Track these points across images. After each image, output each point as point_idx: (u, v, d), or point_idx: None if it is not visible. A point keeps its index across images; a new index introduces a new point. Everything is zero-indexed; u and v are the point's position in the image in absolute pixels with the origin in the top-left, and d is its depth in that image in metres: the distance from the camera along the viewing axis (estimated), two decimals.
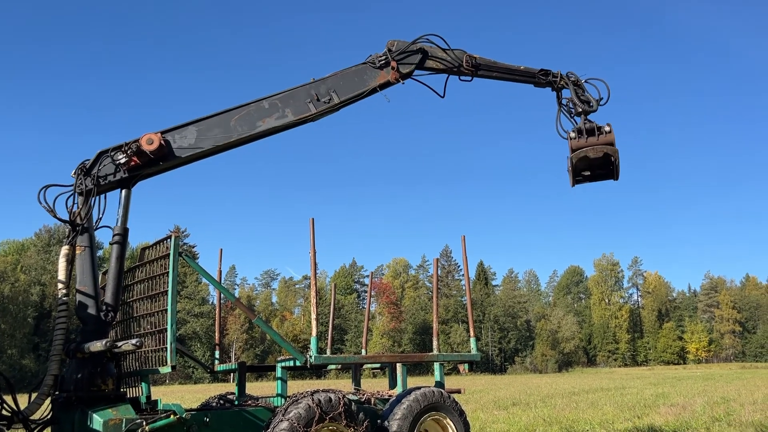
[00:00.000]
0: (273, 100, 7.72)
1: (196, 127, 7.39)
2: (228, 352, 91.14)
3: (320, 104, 7.78)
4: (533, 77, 8.66)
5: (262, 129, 7.56)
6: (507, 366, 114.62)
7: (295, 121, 7.71)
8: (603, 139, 8.26)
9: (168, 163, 7.23)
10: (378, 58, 8.12)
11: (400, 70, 8.11)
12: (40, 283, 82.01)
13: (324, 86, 7.88)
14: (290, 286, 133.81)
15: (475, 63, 8.41)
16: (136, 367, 7.47)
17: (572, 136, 8.41)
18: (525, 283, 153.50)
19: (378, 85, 8.05)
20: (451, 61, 8.34)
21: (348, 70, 8.02)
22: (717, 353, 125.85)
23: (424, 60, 8.30)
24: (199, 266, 7.56)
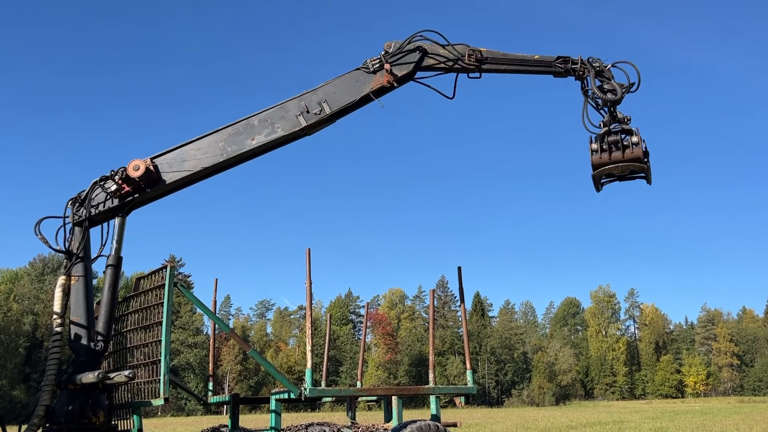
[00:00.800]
0: (262, 115, 7.39)
1: (184, 150, 7.23)
2: (221, 383, 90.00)
3: (311, 116, 7.34)
4: (550, 66, 7.80)
5: (252, 147, 7.26)
6: (504, 399, 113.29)
7: (286, 136, 7.35)
8: (629, 155, 7.42)
9: (158, 189, 7.14)
10: (372, 62, 7.56)
11: (395, 73, 7.51)
12: (33, 312, 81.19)
13: (315, 97, 7.43)
14: (285, 317, 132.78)
15: (480, 57, 7.67)
16: (128, 398, 7.38)
17: (593, 148, 7.59)
18: (521, 314, 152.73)
19: (371, 92, 7.48)
20: (453, 58, 7.66)
21: (341, 77, 7.56)
22: (715, 387, 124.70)
23: (423, 59, 7.67)
24: (194, 297, 7.52)
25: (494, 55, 7.72)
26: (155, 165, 7.11)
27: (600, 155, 7.52)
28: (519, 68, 7.80)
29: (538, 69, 7.80)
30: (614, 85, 7.52)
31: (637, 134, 7.43)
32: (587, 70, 7.65)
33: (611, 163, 7.47)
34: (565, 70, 7.75)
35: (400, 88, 7.71)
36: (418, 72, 7.75)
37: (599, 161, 7.54)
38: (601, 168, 7.57)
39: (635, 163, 7.41)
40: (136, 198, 7.06)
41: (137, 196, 7.05)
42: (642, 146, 7.40)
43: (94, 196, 6.99)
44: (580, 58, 7.68)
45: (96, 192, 7.01)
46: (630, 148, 7.44)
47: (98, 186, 7.02)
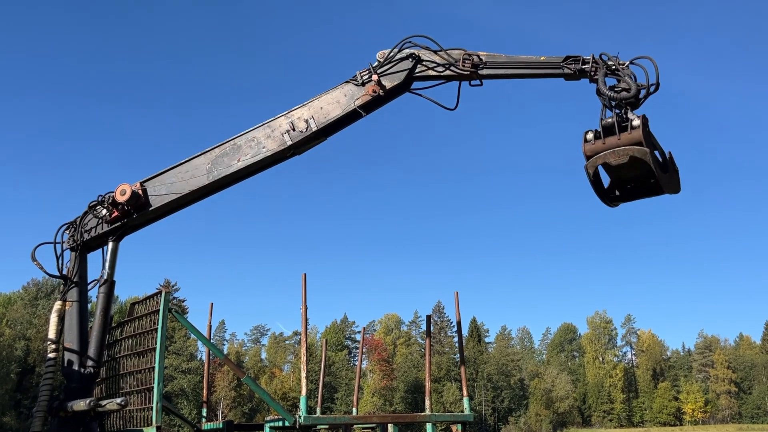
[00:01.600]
0: (249, 135, 7.16)
1: (172, 173, 7.15)
2: (215, 410, 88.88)
3: (297, 135, 7.02)
4: (558, 68, 6.87)
5: (238, 168, 7.05)
6: (500, 426, 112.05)
7: (272, 156, 7.06)
8: (626, 138, 6.24)
9: (147, 214, 7.07)
10: (362, 74, 7.08)
11: (384, 84, 7.00)
12: (25, 337, 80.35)
13: (302, 113, 7.11)
14: (280, 342, 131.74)
15: (477, 61, 6.97)
16: (120, 426, 7.27)
17: (587, 138, 6.50)
18: (518, 340, 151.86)
19: (359, 106, 7.02)
20: (447, 63, 7.02)
21: (329, 91, 7.18)
22: (713, 414, 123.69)
23: (416, 67, 7.11)
24: (189, 323, 7.48)
25: (494, 59, 7.00)
26: (144, 189, 7.06)
27: (593, 142, 6.43)
28: (523, 72, 6.99)
29: (545, 72, 6.94)
30: (629, 83, 6.44)
31: (641, 118, 6.27)
32: (599, 69, 6.68)
33: (605, 148, 6.30)
34: (576, 72, 6.79)
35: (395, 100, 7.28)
36: (413, 82, 7.24)
37: (592, 149, 6.42)
38: (595, 157, 6.40)
39: (634, 146, 6.16)
40: (126, 222, 7.01)
41: (127, 220, 7.00)
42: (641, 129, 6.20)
43: (87, 221, 6.98)
44: (592, 57, 6.75)
45: (88, 217, 7.00)
46: (627, 131, 6.27)
47: (91, 211, 7.02)
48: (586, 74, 6.78)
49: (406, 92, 7.29)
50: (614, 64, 6.67)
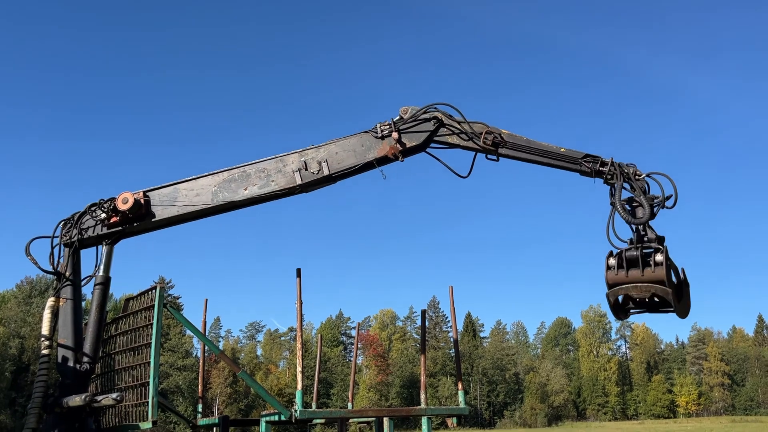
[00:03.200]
0: (260, 165, 7.12)
1: (178, 188, 7.14)
2: (211, 406, 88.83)
3: (308, 175, 7.01)
4: (576, 163, 6.96)
5: (243, 197, 7.04)
6: (496, 420, 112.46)
7: (279, 191, 7.04)
8: (650, 275, 6.30)
9: (146, 224, 7.07)
10: (382, 127, 7.08)
11: (404, 142, 7.01)
12: (20, 335, 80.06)
13: (317, 154, 7.08)
14: (275, 339, 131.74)
15: (498, 140, 7.03)
16: (115, 422, 7.27)
17: (610, 264, 6.52)
18: (513, 334, 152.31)
19: (375, 160, 7.02)
20: (469, 135, 7.07)
21: (347, 138, 7.18)
22: (707, 406, 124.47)
23: (438, 130, 7.12)
24: (184, 318, 7.47)
25: (515, 140, 7.07)
26: (147, 199, 7.04)
27: (616, 272, 6.47)
28: (541, 160, 7.06)
29: (562, 164, 7.03)
30: (643, 202, 6.54)
31: (664, 253, 6.34)
32: (617, 176, 6.73)
33: (628, 282, 6.38)
34: (593, 171, 6.88)
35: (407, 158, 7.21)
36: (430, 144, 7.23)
37: (614, 279, 6.48)
38: (617, 287, 6.47)
39: (656, 285, 6.26)
40: (124, 229, 7.01)
41: (125, 228, 7.01)
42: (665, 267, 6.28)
43: (85, 221, 6.99)
44: (611, 161, 6.81)
45: (86, 217, 7.00)
46: (651, 267, 6.32)
47: (89, 212, 7.02)
48: (602, 176, 6.86)
49: (421, 152, 7.29)
50: (630, 174, 6.75)
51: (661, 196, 6.57)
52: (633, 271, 6.39)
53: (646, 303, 6.64)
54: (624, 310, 6.78)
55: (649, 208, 6.48)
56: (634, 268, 6.40)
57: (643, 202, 6.51)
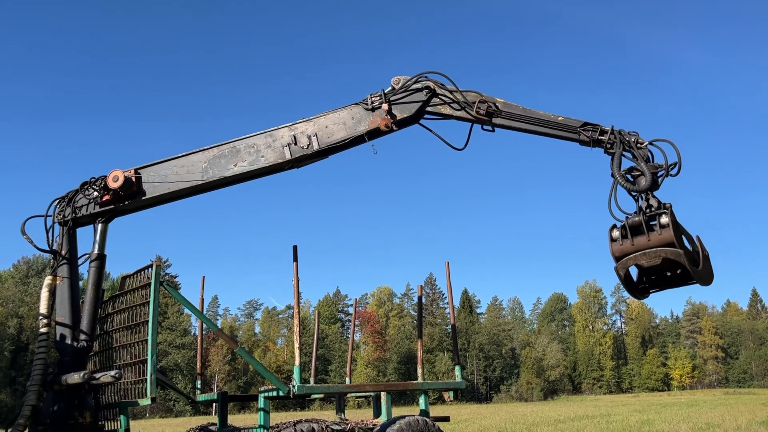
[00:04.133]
0: (249, 141, 7.00)
1: (168, 165, 7.09)
2: (210, 384, 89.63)
3: (297, 150, 6.87)
4: (574, 132, 6.73)
5: (233, 173, 6.95)
6: (492, 395, 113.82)
7: (269, 167, 6.94)
8: (656, 238, 5.97)
9: (138, 202, 7.05)
10: (373, 98, 6.92)
11: (395, 114, 6.86)
12: (18, 315, 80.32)
13: (307, 128, 6.95)
14: (273, 317, 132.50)
15: (492, 109, 6.83)
16: (115, 399, 7.33)
17: (614, 236, 6.24)
18: (509, 310, 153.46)
19: (366, 133, 6.86)
20: (463, 105, 6.88)
21: (337, 111, 7.02)
22: (701, 379, 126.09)
23: (430, 101, 6.96)
24: (181, 296, 7.48)
25: (510, 110, 6.83)
26: (138, 177, 7.00)
27: (621, 242, 6.17)
28: (538, 129, 6.81)
29: (560, 134, 6.79)
30: (644, 169, 6.27)
31: (669, 214, 5.99)
32: (617, 144, 6.49)
33: (635, 250, 6.04)
34: (592, 141, 6.65)
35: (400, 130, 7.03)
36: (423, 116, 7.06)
37: (620, 250, 6.16)
38: (624, 258, 6.13)
39: (666, 248, 5.88)
40: (116, 207, 6.99)
41: (117, 206, 6.98)
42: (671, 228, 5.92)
43: (78, 199, 6.96)
44: (611, 129, 6.58)
45: (80, 196, 6.98)
46: (657, 231, 5.99)
47: (82, 190, 7.00)
48: (602, 145, 6.62)
49: (414, 124, 7.11)
50: (631, 142, 6.49)
51: (664, 164, 6.28)
52: (638, 238, 6.06)
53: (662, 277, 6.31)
54: (640, 288, 6.43)
55: (651, 177, 6.19)
56: (639, 235, 6.07)
57: (644, 171, 6.24)
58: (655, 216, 6.10)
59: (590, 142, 6.65)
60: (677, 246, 5.90)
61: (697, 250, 6.23)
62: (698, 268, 6.11)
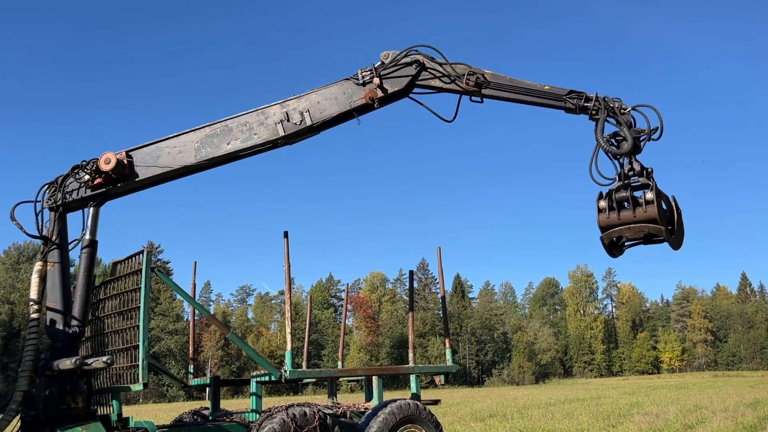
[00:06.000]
0: (242, 119, 7.03)
1: (160, 146, 7.07)
2: (203, 369, 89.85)
3: (290, 126, 6.90)
4: (560, 100, 6.92)
5: (227, 152, 6.95)
6: (484, 378, 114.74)
7: (263, 144, 6.96)
8: (642, 215, 6.30)
9: (130, 184, 7.02)
10: (363, 73, 6.99)
11: (385, 88, 6.93)
12: (9, 301, 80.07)
13: (299, 104, 6.99)
14: (266, 302, 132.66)
15: (481, 80, 6.96)
16: (107, 384, 7.36)
17: (601, 206, 6.53)
18: (501, 295, 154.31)
19: (354, 108, 6.93)
20: (452, 77, 7.01)
21: (328, 86, 7.06)
22: (690, 362, 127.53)
23: (419, 74, 7.05)
24: (173, 282, 7.49)
25: (498, 80, 6.98)
26: (130, 158, 6.97)
27: (608, 214, 6.46)
28: (525, 98, 6.98)
29: (546, 102, 6.98)
30: (626, 134, 6.48)
31: (654, 190, 6.31)
32: (601, 110, 6.69)
33: (621, 224, 6.37)
34: (578, 108, 6.85)
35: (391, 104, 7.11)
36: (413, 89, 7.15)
37: (606, 222, 6.47)
38: (610, 230, 6.46)
39: (649, 224, 6.25)
40: (108, 190, 6.97)
41: (109, 188, 6.96)
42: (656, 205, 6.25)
43: (69, 183, 6.92)
44: (595, 96, 6.76)
45: (70, 180, 6.94)
46: (642, 207, 6.31)
47: (73, 174, 6.96)
48: (587, 112, 6.82)
49: (404, 98, 7.18)
50: (615, 108, 6.68)
51: (647, 129, 6.51)
52: (624, 212, 6.39)
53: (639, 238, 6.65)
54: (618, 247, 6.79)
55: (632, 141, 6.42)
56: (625, 209, 6.39)
57: (627, 135, 6.46)
58: (640, 187, 6.40)
59: (576, 109, 6.85)
60: (660, 223, 6.23)
61: (673, 210, 6.54)
62: (673, 236, 6.49)
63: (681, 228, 6.65)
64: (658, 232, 6.23)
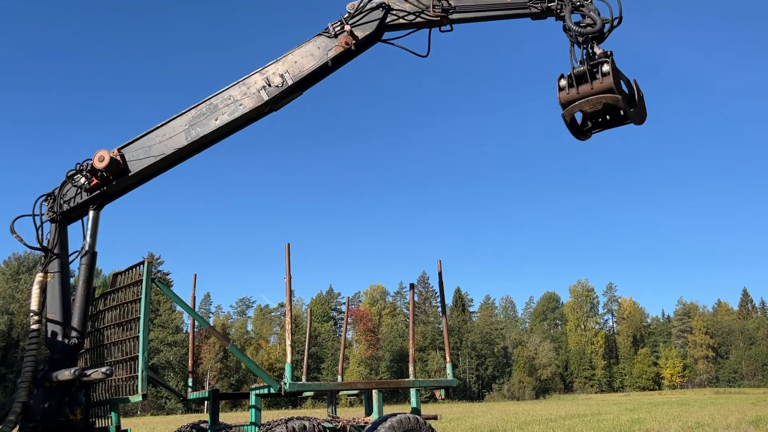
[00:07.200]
0: (224, 94, 7.16)
1: (150, 137, 7.12)
2: (202, 381, 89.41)
3: (273, 90, 7.06)
4: (525, 8, 7.16)
5: (217, 127, 7.05)
6: (485, 393, 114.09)
7: (250, 112, 7.08)
8: (598, 86, 6.59)
9: (127, 180, 7.03)
10: (334, 26, 7.17)
11: (357, 35, 7.10)
12: (8, 312, 79.90)
13: (277, 68, 7.15)
14: (266, 314, 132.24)
15: (446, 5, 7.21)
16: (106, 396, 7.31)
17: (561, 85, 6.84)
18: (502, 309, 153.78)
19: (330, 59, 7.09)
20: (418, 10, 7.19)
21: (302, 45, 7.23)
22: (691, 379, 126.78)
23: (386, 16, 7.25)
24: (173, 293, 7.46)
25: (462, 3, 7.23)
26: (122, 155, 7.00)
27: (567, 91, 6.75)
28: (491, 14, 7.22)
29: (512, 12, 7.19)
30: (594, 18, 6.81)
31: (610, 63, 6.59)
32: (565, 5, 6.98)
33: (580, 97, 6.64)
34: (542, 10, 7.09)
35: (369, 50, 7.35)
36: (385, 32, 7.39)
37: (566, 98, 6.75)
38: (570, 105, 6.73)
39: (607, 94, 6.51)
40: (106, 190, 6.96)
41: (106, 188, 6.96)
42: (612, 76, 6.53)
43: (66, 191, 6.92)
44: None
45: (67, 187, 6.94)
46: (599, 79, 6.59)
47: (69, 180, 6.96)
48: (553, 12, 7.07)
49: (378, 42, 7.39)
50: (578, 1, 6.98)
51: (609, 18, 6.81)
52: (583, 86, 6.64)
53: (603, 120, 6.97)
54: (583, 131, 7.08)
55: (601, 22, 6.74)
56: (583, 83, 6.65)
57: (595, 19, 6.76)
58: (598, 65, 6.66)
59: (541, 13, 7.10)
60: (616, 92, 6.52)
61: (634, 92, 6.87)
62: (633, 110, 6.80)
63: (642, 105, 6.94)
64: (615, 102, 6.47)
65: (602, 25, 6.77)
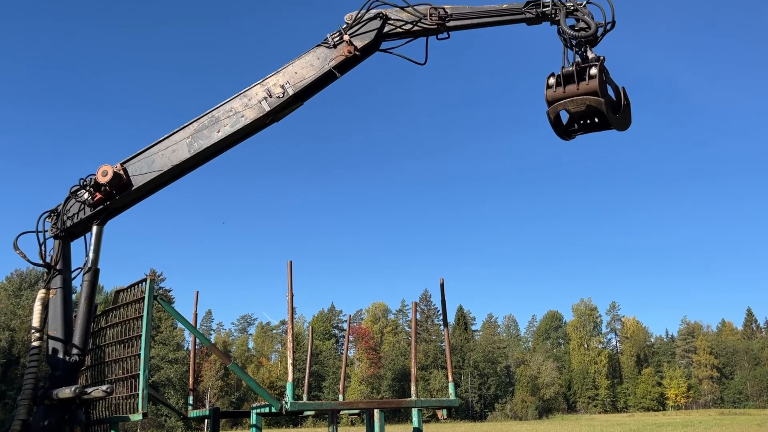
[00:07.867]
0: (226, 106, 7.23)
1: (153, 151, 7.15)
2: (202, 399, 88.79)
3: (274, 101, 7.14)
4: (520, 13, 7.28)
5: (219, 139, 7.09)
6: (487, 413, 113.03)
7: (251, 124, 7.14)
8: (584, 87, 6.73)
9: (131, 194, 7.05)
10: (333, 36, 7.28)
11: (356, 44, 7.22)
12: (10, 328, 79.67)
13: (277, 80, 7.23)
14: (267, 332, 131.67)
15: (443, 14, 7.31)
16: (106, 414, 7.27)
17: (549, 83, 6.99)
18: (504, 328, 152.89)
19: (334, 67, 7.20)
20: (416, 20, 7.32)
21: (302, 56, 7.33)
22: (696, 399, 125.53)
23: (384, 25, 7.36)
24: (175, 310, 7.45)
25: (459, 11, 7.36)
26: (125, 169, 7.03)
27: (554, 89, 6.91)
28: (487, 20, 7.34)
29: (507, 18, 7.31)
30: (588, 21, 6.95)
31: (598, 66, 6.76)
32: (559, 10, 7.10)
33: (565, 97, 6.78)
34: (537, 15, 7.20)
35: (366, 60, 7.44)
36: (383, 42, 7.48)
37: (552, 96, 6.90)
38: (555, 103, 6.88)
39: (591, 96, 6.65)
40: (109, 205, 6.98)
41: (110, 202, 6.97)
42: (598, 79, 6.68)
43: (69, 208, 6.94)
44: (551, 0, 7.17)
45: (70, 203, 6.96)
46: (585, 80, 6.74)
47: (73, 196, 6.98)
48: (548, 17, 7.17)
49: (377, 51, 7.49)
50: (573, 5, 7.10)
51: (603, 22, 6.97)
52: (570, 86, 6.78)
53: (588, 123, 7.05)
54: (567, 131, 7.17)
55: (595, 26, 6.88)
56: (570, 83, 6.78)
57: (590, 22, 6.90)
58: (587, 67, 6.81)
59: (536, 18, 7.20)
60: (600, 95, 6.66)
61: (621, 99, 7.01)
62: (617, 116, 6.92)
63: (628, 113, 7.08)
64: (597, 104, 6.58)
65: (596, 28, 6.92)
